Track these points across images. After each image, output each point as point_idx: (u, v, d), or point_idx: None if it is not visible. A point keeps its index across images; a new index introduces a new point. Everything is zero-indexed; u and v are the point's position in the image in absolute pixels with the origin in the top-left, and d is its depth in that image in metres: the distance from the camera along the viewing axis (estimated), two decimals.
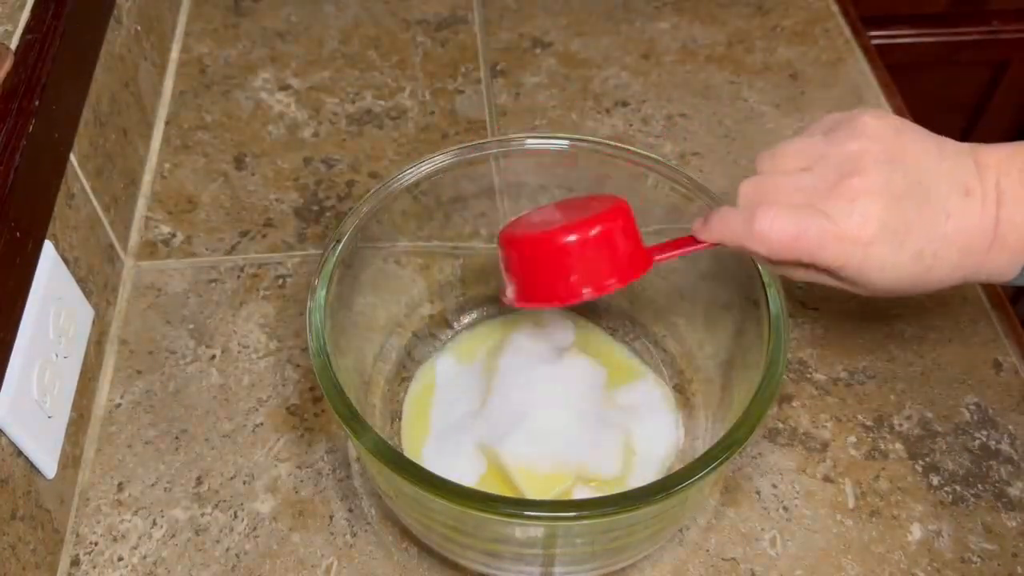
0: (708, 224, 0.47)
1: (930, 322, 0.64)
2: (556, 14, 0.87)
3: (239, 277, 0.67)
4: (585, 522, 0.43)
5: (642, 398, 0.58)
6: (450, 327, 0.62)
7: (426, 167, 0.55)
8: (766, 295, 0.49)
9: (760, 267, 0.50)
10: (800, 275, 0.46)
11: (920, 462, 0.57)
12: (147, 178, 0.73)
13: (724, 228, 0.46)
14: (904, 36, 1.10)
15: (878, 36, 1.05)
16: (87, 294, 0.59)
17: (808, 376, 0.61)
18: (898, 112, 0.77)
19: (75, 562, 0.53)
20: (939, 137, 0.45)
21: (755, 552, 0.54)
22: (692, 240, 0.48)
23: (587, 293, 0.48)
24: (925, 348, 0.63)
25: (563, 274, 0.48)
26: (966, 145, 0.45)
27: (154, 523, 0.55)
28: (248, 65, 0.82)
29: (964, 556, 0.53)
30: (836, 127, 0.45)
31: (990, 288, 0.65)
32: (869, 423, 0.59)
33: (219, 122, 0.77)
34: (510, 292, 0.51)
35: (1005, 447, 0.58)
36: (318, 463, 0.57)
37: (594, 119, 0.77)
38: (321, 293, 0.49)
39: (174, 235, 0.69)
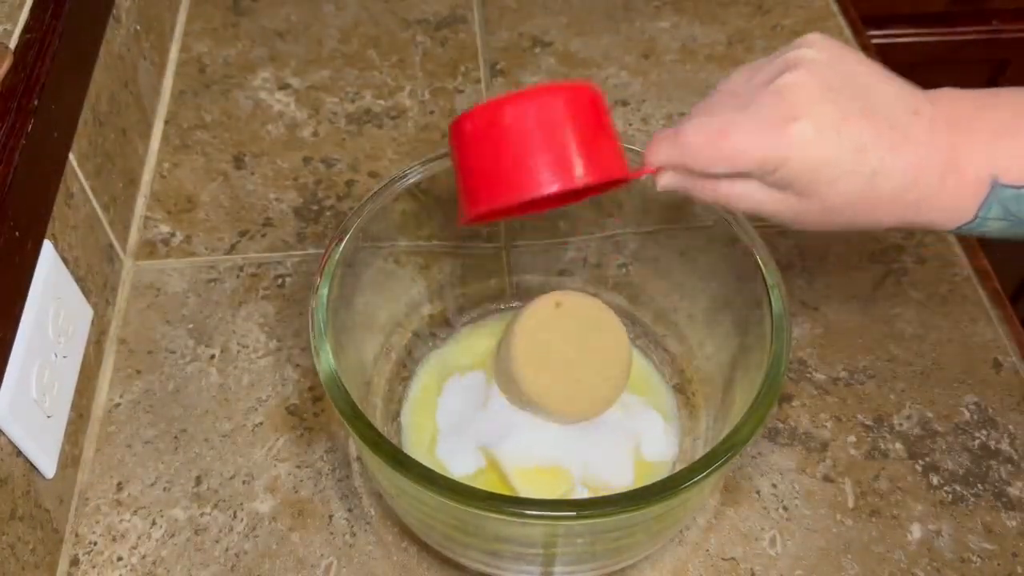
0: (649, 147, 0.43)
1: (930, 322, 0.64)
2: (556, 13, 0.86)
3: (238, 277, 0.67)
4: (586, 522, 0.43)
5: (642, 399, 0.58)
6: (450, 326, 0.62)
7: (427, 166, 0.55)
8: (768, 295, 0.49)
9: (763, 266, 0.50)
10: (744, 201, 0.42)
11: (920, 462, 0.57)
12: (146, 177, 0.73)
13: (659, 148, 0.43)
14: (904, 36, 1.10)
15: (878, 35, 1.06)
16: (86, 293, 0.59)
17: (808, 376, 0.61)
18: None
19: (74, 562, 0.53)
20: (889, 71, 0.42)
21: (755, 552, 0.54)
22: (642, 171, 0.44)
23: (550, 185, 0.40)
24: (925, 348, 0.63)
25: (519, 154, 0.40)
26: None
27: (153, 523, 0.55)
28: (247, 64, 0.82)
29: (964, 556, 0.53)
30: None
31: (990, 287, 0.65)
32: (869, 423, 0.59)
33: (218, 121, 0.77)
34: (463, 205, 0.43)
35: (1005, 447, 0.58)
36: (318, 463, 0.57)
37: None
38: (323, 292, 0.49)
39: (173, 235, 0.69)
